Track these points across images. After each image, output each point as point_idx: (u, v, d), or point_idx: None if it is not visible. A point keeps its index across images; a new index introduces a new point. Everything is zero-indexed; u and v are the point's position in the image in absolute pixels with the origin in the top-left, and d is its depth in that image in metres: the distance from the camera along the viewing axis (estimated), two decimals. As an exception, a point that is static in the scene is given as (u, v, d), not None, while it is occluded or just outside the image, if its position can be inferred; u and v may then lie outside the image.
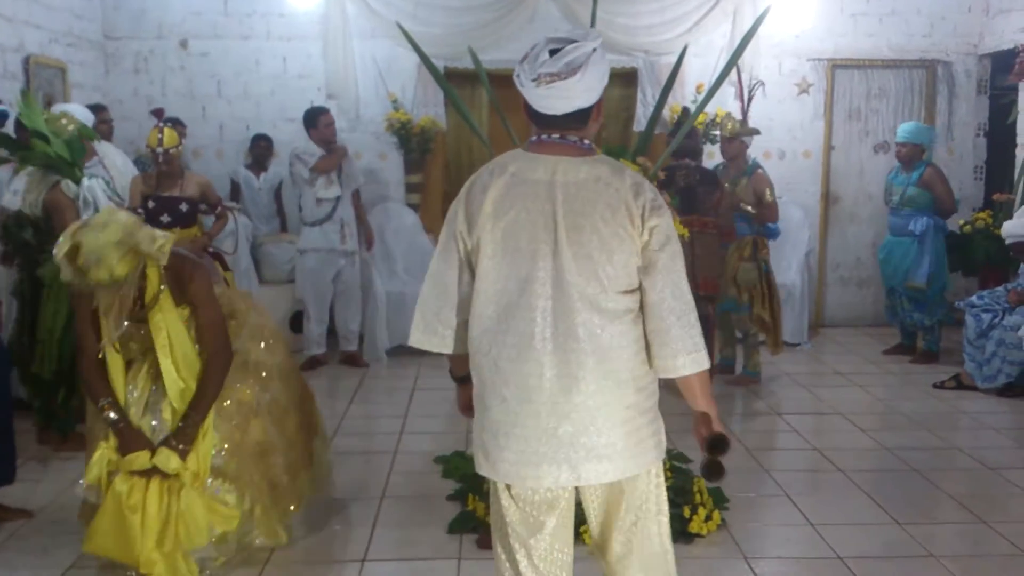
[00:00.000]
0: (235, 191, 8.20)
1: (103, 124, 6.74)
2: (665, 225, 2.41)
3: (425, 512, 4.49)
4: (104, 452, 3.55)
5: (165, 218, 5.64)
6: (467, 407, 2.73)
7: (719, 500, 4.44)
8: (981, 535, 4.26)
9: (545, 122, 2.46)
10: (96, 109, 6.73)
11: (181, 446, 3.55)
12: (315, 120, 7.17)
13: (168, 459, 3.50)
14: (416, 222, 8.35)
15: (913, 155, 7.40)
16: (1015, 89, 8.17)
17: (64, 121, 5.31)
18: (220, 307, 3.75)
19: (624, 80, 8.52)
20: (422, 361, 7.54)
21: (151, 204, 5.68)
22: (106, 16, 8.31)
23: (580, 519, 2.72)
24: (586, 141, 2.49)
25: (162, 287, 3.50)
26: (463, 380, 2.69)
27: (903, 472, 5.08)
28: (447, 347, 2.57)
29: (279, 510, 3.93)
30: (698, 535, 4.15)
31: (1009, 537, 4.21)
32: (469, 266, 2.49)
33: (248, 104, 8.49)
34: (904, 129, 7.52)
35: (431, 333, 2.57)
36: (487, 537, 4.11)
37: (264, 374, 3.98)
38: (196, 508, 3.57)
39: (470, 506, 4.36)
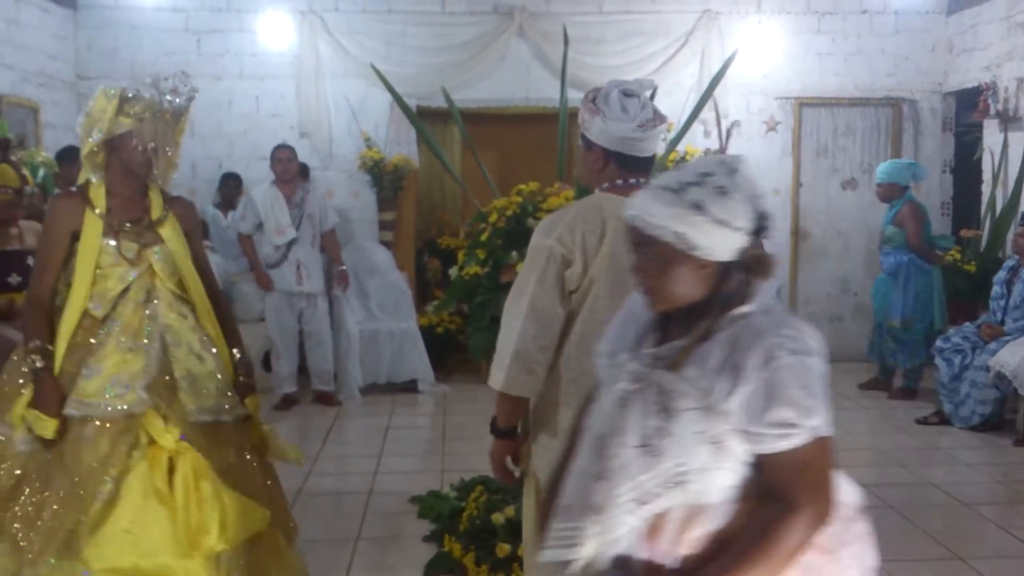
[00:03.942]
0: (204, 229, 8.17)
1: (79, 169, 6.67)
2: None
3: (400, 554, 4.45)
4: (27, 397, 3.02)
5: (14, 279, 4.41)
6: (503, 464, 2.72)
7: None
8: (957, 571, 4.27)
9: (634, 165, 2.66)
10: (73, 155, 6.65)
11: (247, 380, 3.31)
12: (271, 154, 7.20)
13: (256, 400, 3.30)
14: (389, 259, 8.34)
15: (891, 193, 7.42)
16: (979, 126, 8.32)
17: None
18: None
19: (596, 118, 8.59)
20: (396, 399, 7.51)
21: None
22: (79, 56, 8.31)
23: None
24: None
25: (166, 211, 3.26)
26: (510, 433, 2.70)
27: (878, 508, 5.09)
28: (536, 389, 2.59)
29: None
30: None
31: (985, 573, 4.22)
32: (568, 304, 2.59)
33: (221, 143, 8.49)
34: (880, 169, 7.57)
35: (528, 372, 2.57)
36: (464, 579, 4.09)
37: None
38: (227, 498, 3.02)
39: (446, 547, 4.32)
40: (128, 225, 3.17)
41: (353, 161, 8.47)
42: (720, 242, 1.84)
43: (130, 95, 3.10)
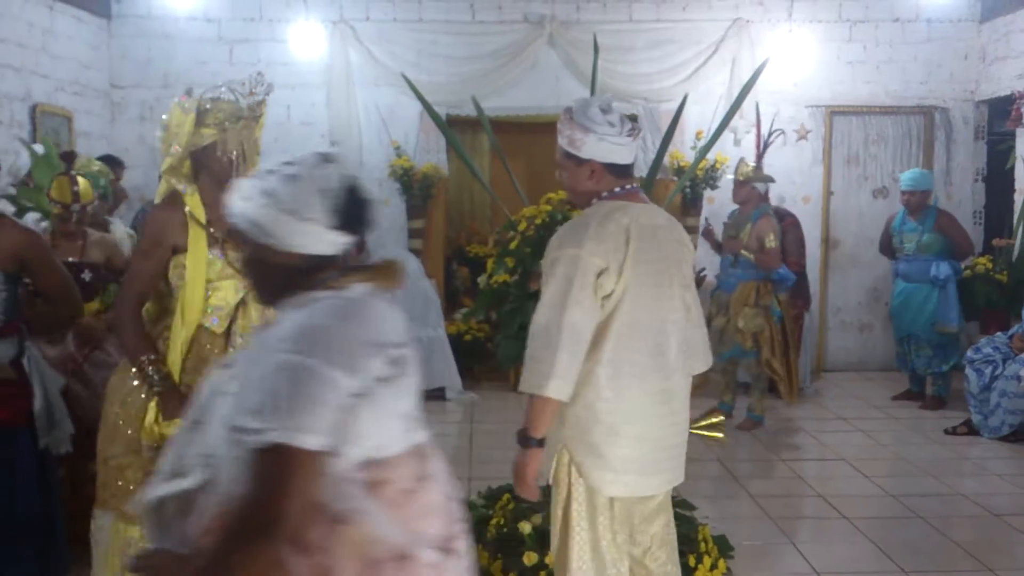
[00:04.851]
0: (238, 237, 8.25)
1: (114, 180, 6.77)
2: None
3: (428, 560, 4.45)
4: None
5: None
6: (534, 477, 2.82)
7: (724, 548, 4.41)
8: (988, 583, 4.24)
9: (624, 172, 2.91)
10: (112, 163, 6.75)
11: None
12: None
13: None
14: (418, 267, 8.36)
15: (922, 202, 7.38)
16: (1012, 135, 8.24)
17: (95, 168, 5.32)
18: None
19: (625, 127, 8.60)
20: (424, 406, 7.51)
21: None
22: (113, 65, 8.42)
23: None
24: None
25: None
26: (541, 443, 2.80)
27: (908, 519, 5.05)
28: (571, 395, 2.75)
29: None
30: (703, 584, 4.12)
31: (1016, 585, 4.19)
32: (599, 310, 2.78)
33: (252, 151, 8.55)
34: (910, 177, 7.48)
35: (571, 381, 2.72)
36: (490, 586, 4.09)
37: None
38: None
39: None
40: (228, 234, 3.11)
41: (383, 169, 8.51)
42: (292, 232, 1.80)
43: (208, 106, 3.08)
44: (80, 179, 4.43)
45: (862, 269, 9.02)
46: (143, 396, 3.06)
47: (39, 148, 5.59)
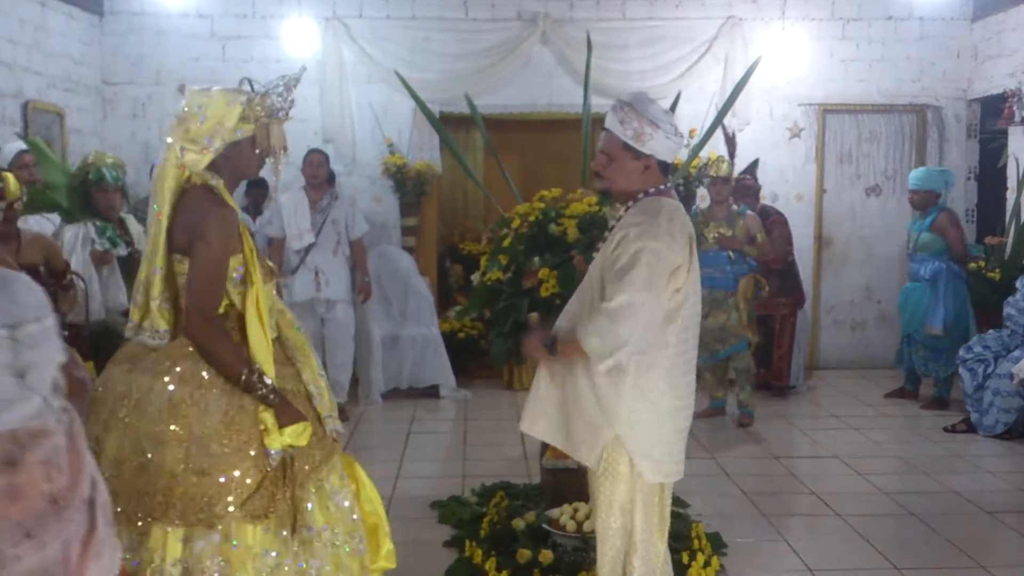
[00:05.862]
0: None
1: None
2: None
3: (421, 559, 4.45)
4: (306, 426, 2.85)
5: None
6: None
7: (717, 546, 4.42)
8: (980, 580, 4.24)
9: (668, 170, 3.12)
10: None
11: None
12: (304, 158, 7.14)
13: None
14: (411, 264, 8.36)
15: (926, 201, 7.35)
16: (1004, 133, 8.26)
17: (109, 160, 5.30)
18: None
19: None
20: (418, 404, 7.52)
21: None
22: (105, 62, 8.39)
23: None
24: None
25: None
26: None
27: (901, 516, 5.06)
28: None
29: None
30: (696, 581, 4.12)
31: (1008, 582, 4.20)
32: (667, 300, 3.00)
33: (245, 148, 8.53)
34: (914, 176, 7.48)
35: (612, 356, 2.95)
36: (484, 583, 4.09)
37: None
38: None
39: (467, 552, 4.33)
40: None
41: (376, 167, 8.51)
42: None
43: (255, 100, 2.92)
44: (8, 175, 4.12)
45: (855, 267, 9.03)
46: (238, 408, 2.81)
47: (18, 145, 5.63)
